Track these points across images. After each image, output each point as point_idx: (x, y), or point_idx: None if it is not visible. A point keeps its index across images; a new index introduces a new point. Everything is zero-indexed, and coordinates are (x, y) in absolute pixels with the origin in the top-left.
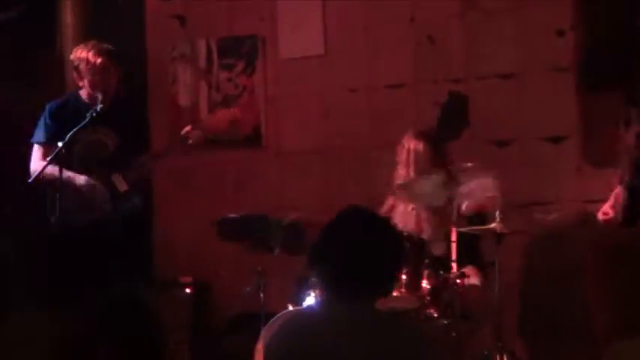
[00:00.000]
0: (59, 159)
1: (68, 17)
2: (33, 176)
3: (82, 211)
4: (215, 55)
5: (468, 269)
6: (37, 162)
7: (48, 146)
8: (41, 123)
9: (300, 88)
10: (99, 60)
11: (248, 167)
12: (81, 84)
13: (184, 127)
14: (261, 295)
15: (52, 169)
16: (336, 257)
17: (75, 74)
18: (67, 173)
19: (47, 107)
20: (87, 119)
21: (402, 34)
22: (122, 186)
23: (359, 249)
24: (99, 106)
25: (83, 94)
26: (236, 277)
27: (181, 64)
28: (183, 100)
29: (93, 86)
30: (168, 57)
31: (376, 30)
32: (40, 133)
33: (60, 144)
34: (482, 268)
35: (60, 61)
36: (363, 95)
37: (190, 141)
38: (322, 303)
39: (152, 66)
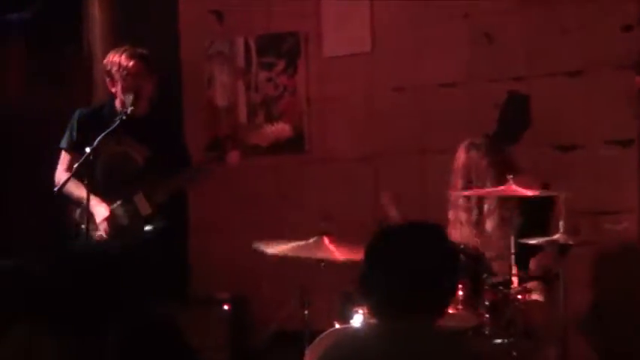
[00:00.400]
0: (86, 169)
1: (96, 12)
2: (58, 186)
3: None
4: (254, 54)
5: (530, 283)
6: (62, 170)
7: (74, 154)
8: (69, 128)
9: (346, 89)
10: (131, 63)
11: (290, 174)
12: (114, 90)
13: (221, 130)
14: (305, 311)
15: (78, 189)
16: (385, 271)
17: (107, 80)
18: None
19: (77, 112)
20: (116, 123)
21: (455, 29)
22: (145, 209)
23: (409, 261)
24: (129, 109)
25: (117, 103)
26: (277, 291)
27: (218, 64)
28: (221, 101)
29: (125, 91)
30: (204, 55)
31: (427, 25)
32: (66, 139)
33: (87, 150)
34: (547, 282)
35: (87, 59)
36: (414, 96)
37: (228, 161)
38: (372, 321)
39: (186, 65)
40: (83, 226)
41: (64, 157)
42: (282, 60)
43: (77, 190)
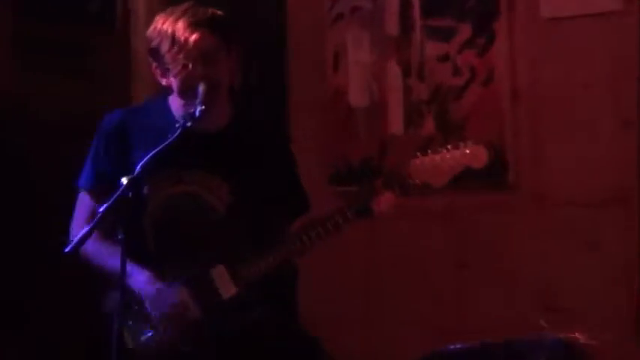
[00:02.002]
0: (122, 214)
1: None
2: (71, 245)
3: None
4: (416, 12)
5: None
6: (81, 222)
7: (101, 194)
8: (91, 154)
9: (580, 76)
10: (194, 36)
11: (480, 225)
12: (165, 82)
13: (357, 148)
14: None
15: (112, 255)
16: None
17: (154, 65)
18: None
19: (104, 122)
20: (175, 135)
21: None
22: (228, 289)
23: None
24: (197, 109)
25: (174, 104)
26: None
27: (351, 31)
28: (356, 97)
29: (187, 84)
30: (326, 20)
31: None
32: (87, 172)
33: (124, 180)
34: None
35: (122, 33)
36: None
37: (375, 208)
38: None
39: (295, 38)
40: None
41: (84, 202)
42: (467, 24)
43: (110, 255)
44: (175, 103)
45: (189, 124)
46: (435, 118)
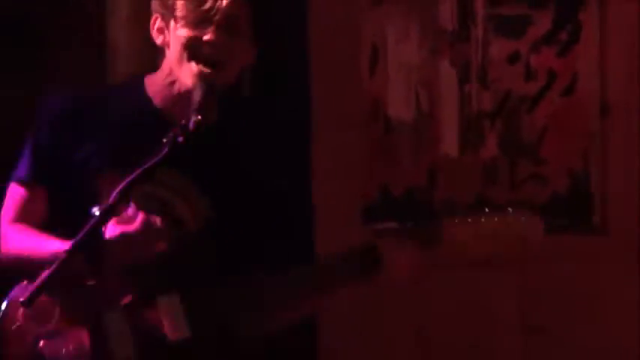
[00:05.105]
0: (94, 256)
1: None
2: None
3: None
4: None
5: None
6: (8, 217)
7: (36, 188)
8: (30, 143)
9: None
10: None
11: (560, 278)
12: (160, 40)
13: (397, 173)
14: None
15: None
16: None
17: (155, 16)
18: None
19: (47, 106)
20: (161, 154)
21: None
22: (177, 328)
23: None
24: (192, 120)
25: (152, 84)
26: None
27: (393, 23)
28: (399, 109)
29: (193, 43)
30: (362, 4)
31: None
32: (26, 164)
33: (96, 210)
34: None
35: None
36: None
37: (395, 264)
38: None
39: (319, 29)
40: None
41: (17, 194)
42: (546, 12)
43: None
44: (155, 84)
45: (180, 139)
46: (501, 136)
